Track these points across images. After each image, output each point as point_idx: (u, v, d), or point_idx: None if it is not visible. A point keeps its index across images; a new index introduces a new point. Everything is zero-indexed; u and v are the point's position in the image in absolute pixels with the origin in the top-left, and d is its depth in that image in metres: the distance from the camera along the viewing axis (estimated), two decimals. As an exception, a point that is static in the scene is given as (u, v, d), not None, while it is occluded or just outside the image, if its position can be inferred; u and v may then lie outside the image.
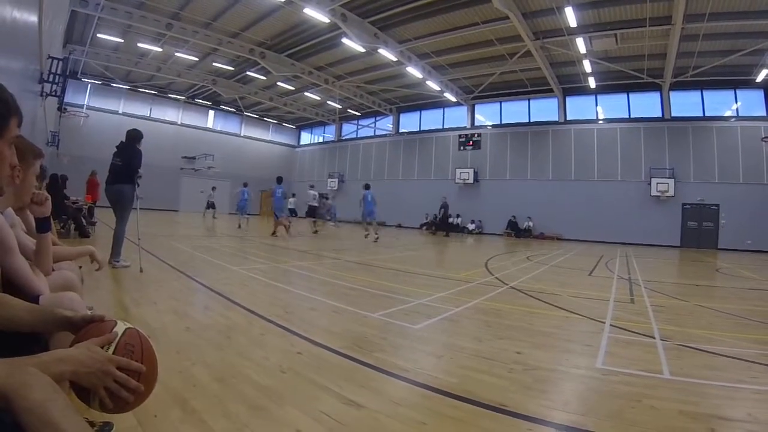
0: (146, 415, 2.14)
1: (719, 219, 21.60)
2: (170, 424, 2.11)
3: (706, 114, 22.47)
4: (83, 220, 11.27)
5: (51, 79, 10.84)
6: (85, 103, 29.11)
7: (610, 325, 4.63)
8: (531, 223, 26.35)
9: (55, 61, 10.84)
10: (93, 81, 29.19)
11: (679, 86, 22.12)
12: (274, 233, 15.56)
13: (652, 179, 22.89)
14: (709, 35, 17.33)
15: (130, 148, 6.93)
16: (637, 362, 3.40)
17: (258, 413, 2.26)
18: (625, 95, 24.52)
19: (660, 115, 23.42)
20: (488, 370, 3.11)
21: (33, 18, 6.43)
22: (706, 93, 22.42)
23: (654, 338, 4.14)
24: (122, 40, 23.23)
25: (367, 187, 17.20)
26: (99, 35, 22.21)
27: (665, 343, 3.95)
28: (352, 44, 19.96)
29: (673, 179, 22.42)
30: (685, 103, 22.94)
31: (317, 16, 17.48)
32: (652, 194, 22.84)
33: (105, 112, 29.68)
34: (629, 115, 24.58)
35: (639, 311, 5.51)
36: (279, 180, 17.00)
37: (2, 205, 1.91)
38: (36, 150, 2.06)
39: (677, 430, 2.29)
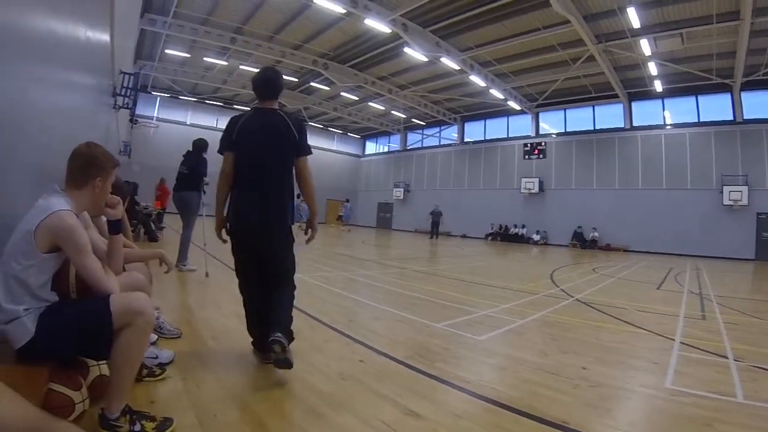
0: (206, 415, 2.23)
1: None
2: (229, 424, 2.18)
3: (782, 115, 21.00)
4: (152, 225, 11.84)
5: (123, 93, 11.45)
6: (155, 114, 30.77)
7: (680, 342, 4.41)
8: (597, 234, 25.43)
9: (127, 76, 11.45)
10: (162, 94, 30.82)
11: (750, 86, 20.74)
12: None
13: (724, 187, 21.50)
14: (780, 29, 16.23)
15: (195, 156, 7.26)
16: (709, 383, 3.21)
17: (316, 419, 2.30)
18: (694, 98, 23.23)
19: (731, 117, 22.02)
20: (552, 386, 3.03)
21: (105, 37, 6.85)
22: (780, 92, 20.98)
23: (727, 358, 3.91)
24: (189, 55, 24.32)
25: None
26: (167, 51, 23.41)
27: (739, 364, 3.72)
28: (414, 54, 19.97)
29: (746, 186, 20.96)
30: (758, 104, 21.33)
31: (378, 26, 17.68)
32: (724, 203, 21.43)
33: (173, 123, 31.24)
34: (698, 119, 23.29)
35: (711, 328, 5.22)
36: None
37: (79, 209, 2.04)
38: (114, 160, 2.20)
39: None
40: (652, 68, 20.11)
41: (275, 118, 3.08)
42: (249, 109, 3.23)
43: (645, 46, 17.71)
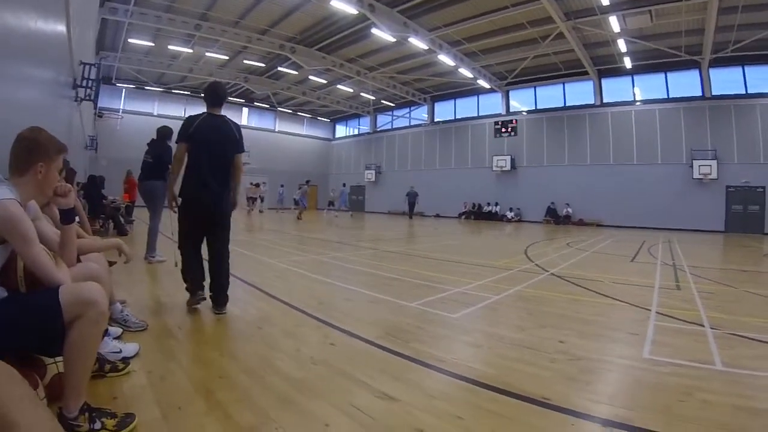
0: (171, 408, 2.12)
1: (765, 202, 20.57)
2: (194, 416, 2.08)
3: (749, 91, 21.19)
4: (121, 219, 11.54)
5: (84, 84, 11.03)
6: (121, 107, 29.83)
7: (657, 312, 4.42)
8: (570, 210, 25.73)
9: (87, 67, 11.02)
10: (127, 85, 29.89)
11: (719, 63, 21.01)
12: None
13: (694, 161, 21.88)
14: (749, 6, 16.30)
15: (160, 144, 7.02)
16: (687, 352, 3.21)
17: (286, 406, 2.20)
18: (663, 75, 23.47)
19: (700, 93, 22.30)
20: (530, 361, 2.98)
21: (60, 27, 6.54)
22: (748, 69, 21.12)
23: (703, 326, 3.92)
24: (153, 44, 23.61)
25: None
26: (130, 40, 22.64)
27: (715, 332, 3.73)
28: (382, 34, 19.66)
29: (715, 161, 21.37)
30: (726, 81, 21.68)
31: (344, 7, 17.35)
32: (694, 177, 21.82)
33: (140, 114, 30.30)
34: (668, 95, 23.53)
35: (686, 298, 5.25)
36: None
37: (24, 198, 1.90)
38: (59, 145, 2.06)
39: (732, 427, 2.11)
40: (622, 45, 20.21)
41: (222, 123, 4.18)
42: (202, 113, 4.16)
43: (614, 23, 17.77)
